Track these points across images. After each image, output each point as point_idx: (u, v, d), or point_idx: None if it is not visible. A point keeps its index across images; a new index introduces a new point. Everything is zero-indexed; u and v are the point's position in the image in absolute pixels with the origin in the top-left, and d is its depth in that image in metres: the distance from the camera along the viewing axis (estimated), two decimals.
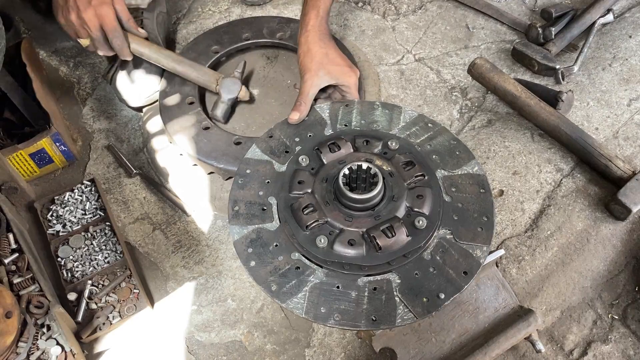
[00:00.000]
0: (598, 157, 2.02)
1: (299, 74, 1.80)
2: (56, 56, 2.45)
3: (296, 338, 1.79)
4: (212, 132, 1.94)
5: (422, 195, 1.41)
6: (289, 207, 1.41)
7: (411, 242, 1.35)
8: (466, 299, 1.64)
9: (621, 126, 2.20)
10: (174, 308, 1.85)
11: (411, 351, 1.58)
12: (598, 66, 2.37)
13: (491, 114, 2.27)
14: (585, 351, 1.74)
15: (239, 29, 2.23)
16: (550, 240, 1.94)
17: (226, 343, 1.79)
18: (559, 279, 1.86)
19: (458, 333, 1.62)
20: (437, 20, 2.59)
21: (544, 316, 1.80)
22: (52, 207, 1.98)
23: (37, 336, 1.59)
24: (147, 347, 1.79)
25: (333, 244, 1.34)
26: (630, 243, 1.93)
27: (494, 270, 1.67)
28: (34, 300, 1.63)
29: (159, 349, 1.79)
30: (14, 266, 1.70)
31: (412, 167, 1.45)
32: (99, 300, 1.81)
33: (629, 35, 2.46)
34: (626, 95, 2.28)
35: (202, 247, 1.97)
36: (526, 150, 2.15)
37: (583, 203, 2.01)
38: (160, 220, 2.03)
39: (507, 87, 2.18)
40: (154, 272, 1.93)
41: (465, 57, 2.45)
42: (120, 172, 2.15)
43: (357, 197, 1.36)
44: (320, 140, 1.55)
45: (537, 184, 2.07)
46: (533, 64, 2.34)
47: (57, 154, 2.05)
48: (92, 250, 1.90)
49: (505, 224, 1.98)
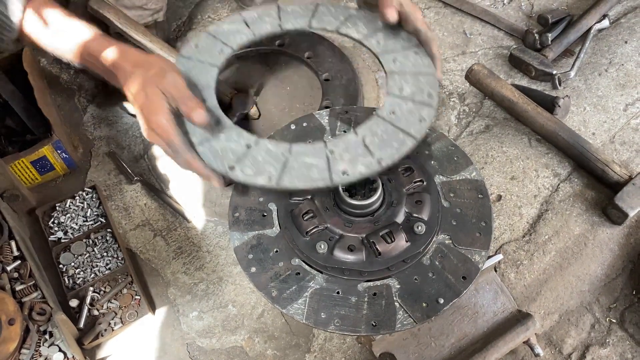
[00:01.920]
0: (595, 161, 2.03)
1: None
2: (57, 64, 2.46)
3: (297, 343, 1.80)
4: None
5: (420, 201, 1.42)
6: (289, 213, 1.43)
7: (410, 247, 1.36)
8: (465, 303, 1.65)
9: (618, 131, 2.22)
10: (175, 314, 1.87)
11: (411, 356, 1.59)
12: (594, 71, 2.40)
13: (489, 120, 2.28)
14: (584, 355, 1.75)
15: None
16: (548, 244, 1.95)
17: (227, 349, 1.80)
18: (557, 283, 1.88)
19: (457, 337, 1.63)
20: (434, 26, 2.61)
21: (542, 320, 1.81)
22: (54, 214, 1.99)
23: (40, 343, 1.60)
24: (149, 353, 1.80)
25: (333, 250, 1.36)
26: (627, 247, 1.94)
27: (492, 275, 1.69)
28: (37, 307, 1.64)
29: (161, 354, 1.80)
30: (17, 273, 1.71)
31: (410, 173, 1.47)
32: (101, 306, 1.82)
33: (625, 40, 2.48)
34: (622, 100, 2.30)
35: (203, 253, 1.98)
36: (524, 155, 2.17)
37: (580, 208, 2.03)
38: (161, 227, 2.05)
39: (505, 92, 2.20)
40: (155, 278, 1.94)
41: (463, 63, 2.47)
42: (121, 179, 2.16)
43: (356, 203, 1.37)
44: None
45: (534, 188, 2.08)
46: (530, 70, 2.36)
47: (59, 162, 2.07)
48: (94, 256, 1.91)
49: (504, 229, 2.00)
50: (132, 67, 1.33)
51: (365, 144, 1.30)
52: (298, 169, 1.26)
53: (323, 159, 1.27)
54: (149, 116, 1.29)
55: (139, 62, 1.34)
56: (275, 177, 1.24)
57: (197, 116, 1.28)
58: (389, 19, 1.46)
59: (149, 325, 1.84)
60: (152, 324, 1.85)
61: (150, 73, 1.31)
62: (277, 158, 1.27)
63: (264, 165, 1.26)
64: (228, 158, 1.27)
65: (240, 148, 1.28)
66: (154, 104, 1.29)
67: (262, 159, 1.27)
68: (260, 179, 1.24)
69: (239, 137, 1.31)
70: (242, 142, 1.30)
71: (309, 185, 1.24)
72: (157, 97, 1.29)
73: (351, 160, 1.27)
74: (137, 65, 1.33)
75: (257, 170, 1.25)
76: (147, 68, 1.32)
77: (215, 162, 1.27)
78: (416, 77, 1.43)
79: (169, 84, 1.30)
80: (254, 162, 1.27)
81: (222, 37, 1.51)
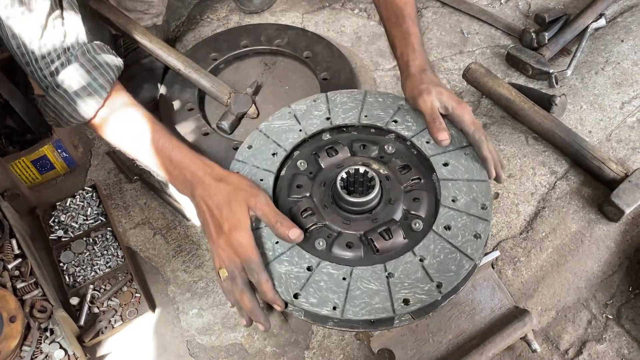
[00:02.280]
0: (591, 159, 2.05)
1: (410, 100, 1.57)
2: None
3: (296, 340, 1.81)
4: (211, 137, 1.97)
5: (418, 198, 1.43)
6: (288, 211, 1.44)
7: (408, 244, 1.37)
8: (463, 300, 1.66)
9: (614, 129, 2.24)
10: (175, 311, 1.88)
11: (409, 352, 1.61)
12: (591, 70, 2.41)
13: (486, 118, 2.30)
14: (580, 350, 1.77)
15: (237, 36, 2.26)
16: (545, 241, 1.97)
17: (227, 346, 1.81)
18: (554, 279, 1.89)
19: (455, 333, 1.64)
20: (432, 26, 2.62)
21: (539, 316, 1.83)
22: (54, 213, 2.00)
23: (41, 340, 1.61)
24: (149, 350, 1.81)
25: (331, 247, 1.37)
26: (623, 244, 1.96)
27: (489, 272, 1.70)
28: (37, 304, 1.66)
29: (161, 352, 1.81)
30: (18, 271, 1.72)
31: (408, 171, 1.48)
32: (101, 304, 1.83)
33: (621, 39, 2.50)
34: (619, 99, 2.32)
35: (203, 251, 1.99)
36: (521, 153, 2.18)
37: (577, 205, 2.04)
38: (160, 225, 2.06)
39: (502, 91, 2.22)
40: (155, 276, 1.95)
41: (460, 62, 2.48)
42: (120, 178, 2.17)
43: (354, 200, 1.38)
44: (318, 144, 1.57)
45: (531, 186, 2.10)
46: (527, 69, 2.38)
47: (59, 161, 2.08)
48: (94, 255, 1.92)
49: (501, 226, 2.01)
50: (217, 182, 1.36)
51: (423, 266, 1.30)
52: (360, 296, 1.26)
53: (384, 285, 1.28)
54: (231, 231, 1.29)
55: (222, 177, 1.37)
56: (340, 309, 1.25)
57: (294, 234, 1.30)
58: (442, 144, 1.47)
59: (149, 323, 1.85)
60: (152, 321, 1.86)
61: (237, 189, 1.34)
62: (339, 283, 1.28)
63: (327, 293, 1.27)
64: (292, 284, 1.28)
65: (303, 272, 1.30)
66: (241, 220, 1.31)
67: (325, 284, 1.28)
68: (325, 310, 1.25)
69: (300, 259, 1.32)
70: (303, 265, 1.31)
71: (372, 317, 1.24)
72: (244, 215, 1.31)
73: (411, 286, 1.27)
74: (221, 180, 1.36)
75: (321, 298, 1.26)
76: (230, 183, 1.35)
77: (280, 288, 1.28)
78: (469, 186, 1.43)
79: (261, 202, 1.32)
80: (317, 288, 1.28)
81: (274, 136, 1.53)
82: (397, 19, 1.64)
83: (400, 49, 1.61)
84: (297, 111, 1.59)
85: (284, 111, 1.59)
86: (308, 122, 1.57)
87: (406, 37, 1.60)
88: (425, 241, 1.34)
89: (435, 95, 1.47)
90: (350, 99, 1.62)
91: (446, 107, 1.48)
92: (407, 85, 1.55)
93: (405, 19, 1.62)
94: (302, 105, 1.60)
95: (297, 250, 1.33)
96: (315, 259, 1.32)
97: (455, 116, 1.48)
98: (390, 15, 1.66)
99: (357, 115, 1.58)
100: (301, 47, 2.22)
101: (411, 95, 1.53)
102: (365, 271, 1.30)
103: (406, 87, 1.56)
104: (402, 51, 1.60)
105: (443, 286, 1.27)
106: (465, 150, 1.49)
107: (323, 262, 1.31)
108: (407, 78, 1.55)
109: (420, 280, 1.28)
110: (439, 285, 1.27)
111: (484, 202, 1.40)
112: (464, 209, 1.39)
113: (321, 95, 1.62)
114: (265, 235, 1.36)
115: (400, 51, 1.61)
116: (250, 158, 1.49)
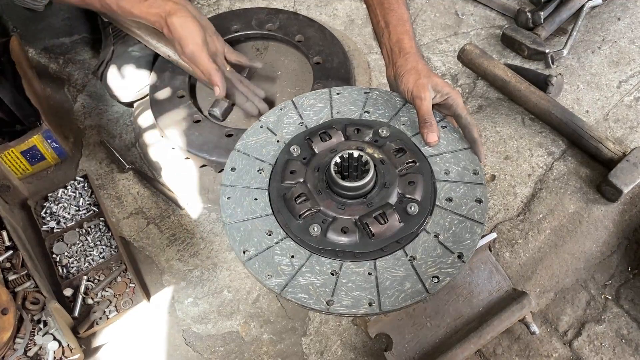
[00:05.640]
0: (589, 139, 2.03)
1: (404, 92, 1.55)
2: (45, 54, 2.44)
3: (292, 327, 1.80)
4: (203, 125, 1.94)
5: (413, 182, 1.41)
6: (282, 197, 1.42)
7: (404, 228, 1.35)
8: (460, 283, 1.65)
9: (611, 108, 2.21)
10: (170, 301, 1.86)
11: (406, 336, 1.60)
12: (587, 49, 2.38)
13: (482, 100, 2.27)
14: (580, 332, 1.76)
15: (228, 21, 2.22)
16: (543, 223, 1.95)
17: (223, 334, 1.80)
18: (552, 261, 1.88)
19: (453, 317, 1.63)
20: (426, 7, 2.59)
21: (537, 298, 1.81)
22: (46, 204, 1.98)
23: (34, 332, 1.60)
24: (145, 340, 1.80)
25: (326, 232, 1.35)
26: (622, 224, 1.94)
27: (487, 254, 1.69)
28: (30, 296, 1.64)
29: (156, 341, 1.79)
30: (9, 263, 1.70)
31: (403, 154, 1.46)
32: (95, 295, 1.81)
33: (618, 17, 2.47)
34: (616, 78, 2.29)
35: (197, 240, 1.97)
36: (517, 134, 2.16)
37: (575, 185, 2.02)
38: (154, 215, 2.03)
39: (497, 72, 2.19)
40: (149, 266, 1.93)
41: (455, 44, 2.45)
42: (112, 168, 2.15)
43: (349, 185, 1.36)
44: (311, 129, 1.55)
45: (528, 167, 2.08)
46: (523, 49, 2.35)
47: (49, 151, 2.05)
48: (87, 245, 1.90)
49: (498, 208, 1.99)
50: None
51: (440, 241, 1.33)
52: (391, 286, 1.27)
53: (409, 269, 1.30)
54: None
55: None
56: (377, 303, 1.25)
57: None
58: (431, 145, 1.48)
59: (144, 313, 1.84)
60: (147, 311, 1.84)
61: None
62: (367, 279, 1.29)
63: (358, 291, 1.27)
64: (322, 293, 1.28)
65: (328, 278, 1.30)
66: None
67: (353, 284, 1.28)
68: (363, 309, 1.25)
69: (321, 266, 1.32)
70: (326, 271, 1.31)
71: (410, 302, 1.25)
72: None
73: (435, 263, 1.30)
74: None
75: (354, 299, 1.26)
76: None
77: (311, 300, 1.27)
78: (456, 156, 1.47)
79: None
80: (347, 290, 1.28)
81: (254, 152, 1.51)
82: (390, 4, 1.62)
83: (396, 35, 1.58)
84: (269, 123, 1.57)
85: (256, 126, 1.57)
86: (283, 131, 1.55)
87: (403, 23, 1.59)
88: (434, 217, 1.37)
89: (431, 90, 1.48)
90: (317, 100, 1.60)
91: (442, 94, 1.49)
92: (403, 76, 1.52)
93: (400, 4, 1.61)
94: (271, 117, 1.58)
95: (316, 258, 1.33)
96: (337, 262, 1.32)
97: (450, 100, 1.50)
98: (384, 0, 1.64)
99: (328, 114, 1.57)
100: (293, 31, 2.18)
101: (406, 88, 1.52)
102: (388, 260, 1.32)
103: (401, 79, 1.53)
104: (397, 37, 1.57)
105: (464, 255, 1.30)
106: (440, 124, 1.52)
107: (345, 263, 1.31)
108: (403, 69, 1.53)
109: (442, 256, 1.31)
110: (460, 255, 1.31)
111: (474, 167, 1.45)
112: (459, 178, 1.43)
113: (287, 102, 1.61)
114: (280, 251, 1.34)
115: (395, 37, 1.58)
116: (238, 180, 1.47)
